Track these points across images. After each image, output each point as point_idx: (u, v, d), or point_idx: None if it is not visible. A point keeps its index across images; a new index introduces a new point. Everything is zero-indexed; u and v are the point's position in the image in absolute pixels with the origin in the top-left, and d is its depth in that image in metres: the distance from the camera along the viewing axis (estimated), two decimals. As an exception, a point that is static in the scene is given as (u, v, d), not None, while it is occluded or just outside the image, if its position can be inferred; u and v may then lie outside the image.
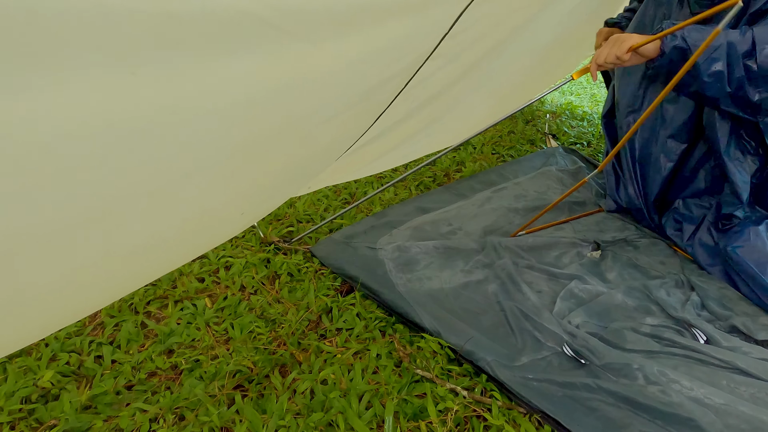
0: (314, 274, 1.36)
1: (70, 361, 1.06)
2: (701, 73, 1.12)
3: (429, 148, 1.68)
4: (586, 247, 1.44)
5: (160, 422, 0.93)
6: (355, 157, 1.39)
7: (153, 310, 1.22)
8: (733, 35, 1.10)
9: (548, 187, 1.81)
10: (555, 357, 1.06)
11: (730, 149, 1.27)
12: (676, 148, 1.40)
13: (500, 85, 1.76)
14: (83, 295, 0.81)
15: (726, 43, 1.10)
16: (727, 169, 1.27)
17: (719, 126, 1.26)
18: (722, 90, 1.13)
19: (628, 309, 1.19)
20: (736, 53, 1.09)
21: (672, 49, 1.13)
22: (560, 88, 3.18)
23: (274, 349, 1.10)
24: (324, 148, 1.08)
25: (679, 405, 0.90)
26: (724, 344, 1.06)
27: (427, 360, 1.06)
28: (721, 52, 1.10)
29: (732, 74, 1.11)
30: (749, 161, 1.27)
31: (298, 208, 1.70)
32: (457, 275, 1.32)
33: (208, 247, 1.21)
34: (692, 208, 1.40)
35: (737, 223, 1.29)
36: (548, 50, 1.84)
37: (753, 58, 1.08)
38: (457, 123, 1.73)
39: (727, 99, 1.15)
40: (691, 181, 1.41)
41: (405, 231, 1.50)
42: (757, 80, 1.10)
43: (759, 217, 1.29)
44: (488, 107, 1.83)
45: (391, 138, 1.46)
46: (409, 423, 0.93)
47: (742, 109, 1.17)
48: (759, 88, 1.11)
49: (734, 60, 1.10)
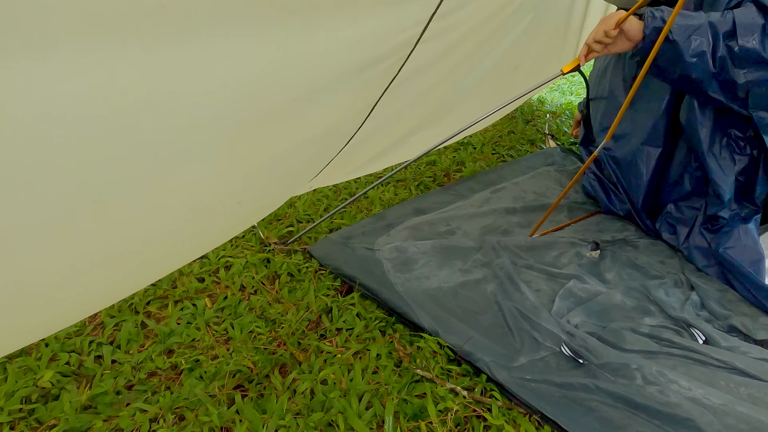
0: (314, 274, 1.36)
1: (70, 361, 1.06)
2: (683, 54, 1.12)
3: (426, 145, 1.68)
4: (585, 246, 1.44)
5: (160, 422, 0.94)
6: (354, 155, 1.39)
7: (153, 310, 1.22)
8: (714, 16, 1.11)
9: (547, 187, 1.81)
10: (553, 357, 1.06)
11: (714, 149, 1.26)
12: (653, 153, 1.41)
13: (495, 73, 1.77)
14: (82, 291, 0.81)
15: (707, 23, 1.10)
16: (709, 170, 1.27)
17: (701, 126, 1.25)
18: (707, 71, 1.12)
19: (626, 309, 1.19)
20: (717, 33, 1.09)
21: (652, 30, 1.13)
22: (560, 88, 3.18)
23: (274, 349, 1.11)
24: (321, 135, 1.06)
25: (678, 405, 0.90)
26: (722, 344, 1.07)
27: (427, 360, 1.06)
28: (703, 31, 1.10)
29: (715, 54, 1.10)
30: (735, 160, 1.26)
31: (298, 208, 1.70)
32: (455, 274, 1.32)
33: (207, 246, 1.20)
34: (684, 211, 1.41)
35: (725, 223, 1.29)
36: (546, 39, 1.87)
37: (734, 39, 1.08)
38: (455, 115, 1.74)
39: (713, 82, 1.14)
40: (678, 184, 1.41)
41: (403, 231, 1.50)
42: (741, 60, 1.09)
43: (748, 213, 1.29)
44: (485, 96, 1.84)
45: (390, 134, 1.46)
46: (409, 423, 0.93)
47: (730, 97, 1.15)
48: (744, 69, 1.10)
49: (716, 39, 1.09)
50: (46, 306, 0.75)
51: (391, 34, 0.97)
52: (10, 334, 0.75)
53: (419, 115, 1.52)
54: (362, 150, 1.40)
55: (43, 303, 0.73)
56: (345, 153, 1.32)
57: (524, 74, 1.91)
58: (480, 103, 1.82)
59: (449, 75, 1.41)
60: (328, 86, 0.89)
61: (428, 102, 1.46)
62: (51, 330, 0.92)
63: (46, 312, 0.77)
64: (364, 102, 1.12)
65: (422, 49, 1.10)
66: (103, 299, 0.94)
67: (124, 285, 0.94)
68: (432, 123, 1.64)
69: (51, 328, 0.90)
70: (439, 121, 1.66)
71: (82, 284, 0.77)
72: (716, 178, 1.26)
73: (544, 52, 1.99)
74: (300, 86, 0.83)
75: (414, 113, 1.46)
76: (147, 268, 0.93)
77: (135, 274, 0.92)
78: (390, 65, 1.05)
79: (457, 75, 1.47)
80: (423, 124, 1.59)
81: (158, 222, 0.77)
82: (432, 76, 1.31)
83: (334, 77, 0.89)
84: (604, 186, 1.62)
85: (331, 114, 1.01)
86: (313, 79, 0.84)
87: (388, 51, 1.00)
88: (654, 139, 1.41)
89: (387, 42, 0.97)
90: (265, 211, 1.38)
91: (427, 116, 1.56)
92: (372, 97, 1.13)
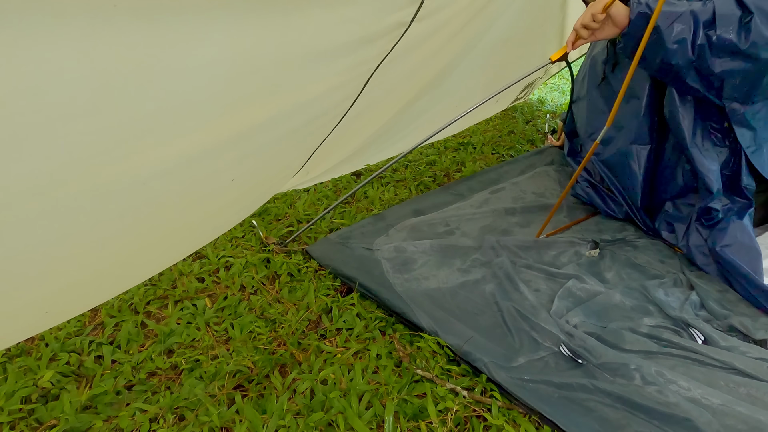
0: (314, 274, 1.36)
1: (70, 361, 1.07)
2: (665, 40, 1.14)
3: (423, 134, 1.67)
4: (584, 246, 1.44)
5: (160, 422, 0.94)
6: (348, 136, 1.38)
7: (153, 310, 1.22)
8: (695, 5, 1.14)
9: (546, 187, 1.81)
10: (552, 357, 1.06)
11: (696, 139, 1.28)
12: (643, 151, 1.43)
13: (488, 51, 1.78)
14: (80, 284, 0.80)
15: (689, 11, 1.13)
16: (694, 160, 1.28)
17: (682, 116, 1.27)
18: (686, 57, 1.15)
19: (625, 309, 1.20)
20: (698, 21, 1.12)
21: (637, 16, 1.15)
22: (560, 88, 3.18)
23: (274, 349, 1.11)
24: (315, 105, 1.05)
25: (676, 405, 0.90)
26: (722, 344, 1.07)
27: (427, 360, 1.06)
28: (684, 18, 1.13)
29: (695, 42, 1.13)
30: (717, 151, 1.28)
31: (298, 208, 1.70)
32: (454, 274, 1.32)
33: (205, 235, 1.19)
34: (681, 208, 1.42)
35: (720, 218, 1.29)
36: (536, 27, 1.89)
37: (713, 28, 1.11)
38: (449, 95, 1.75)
39: (691, 71, 1.17)
40: (671, 179, 1.42)
41: (402, 231, 1.50)
42: (718, 50, 1.12)
43: (740, 207, 1.30)
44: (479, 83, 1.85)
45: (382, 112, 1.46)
46: (409, 423, 0.93)
47: (706, 87, 1.18)
48: (721, 58, 1.13)
49: (697, 27, 1.12)
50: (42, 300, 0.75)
51: (387, 13, 0.97)
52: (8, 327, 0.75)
53: (413, 91, 1.51)
54: (356, 130, 1.39)
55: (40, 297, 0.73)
56: (338, 133, 1.30)
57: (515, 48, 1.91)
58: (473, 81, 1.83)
59: (440, 51, 1.41)
60: (322, 59, 0.89)
61: (421, 78, 1.46)
62: (48, 325, 0.92)
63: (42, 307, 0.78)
64: (357, 80, 1.12)
65: (414, 26, 1.10)
66: (101, 293, 0.94)
67: (121, 279, 0.94)
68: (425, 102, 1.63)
69: (48, 323, 0.90)
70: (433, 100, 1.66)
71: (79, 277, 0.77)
72: (701, 168, 1.27)
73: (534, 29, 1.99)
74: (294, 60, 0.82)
75: (406, 89, 1.46)
76: (144, 260, 0.93)
77: (131, 268, 0.92)
78: (384, 43, 1.05)
79: (449, 52, 1.47)
80: (415, 100, 1.58)
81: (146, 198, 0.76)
82: (423, 52, 1.30)
83: (329, 50, 0.89)
84: (598, 191, 1.63)
85: (326, 84, 1.00)
86: (308, 53, 0.84)
87: (383, 29, 1.00)
88: (640, 137, 1.42)
89: (382, 21, 0.97)
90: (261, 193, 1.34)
91: (419, 92, 1.55)
92: (364, 76, 1.13)
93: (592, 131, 1.66)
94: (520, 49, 1.96)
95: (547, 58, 1.32)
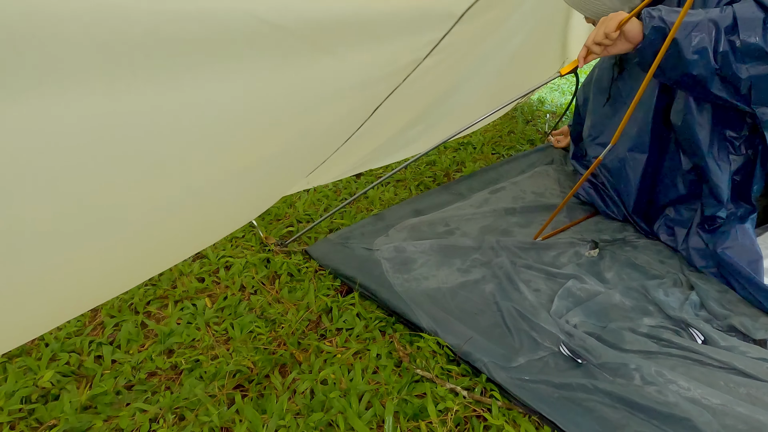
0: (314, 274, 1.36)
1: (70, 361, 1.07)
2: (684, 51, 1.10)
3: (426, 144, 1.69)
4: (584, 246, 1.44)
5: (160, 422, 0.94)
6: (352, 150, 1.39)
7: (153, 310, 1.23)
8: (713, 12, 1.10)
9: (546, 188, 1.81)
10: (552, 357, 1.06)
11: (713, 149, 1.25)
12: (640, 160, 1.43)
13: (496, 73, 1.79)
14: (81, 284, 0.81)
15: (707, 19, 1.09)
16: (709, 170, 1.26)
17: (699, 127, 1.24)
18: (708, 66, 1.10)
19: (625, 309, 1.20)
20: (719, 28, 1.08)
21: (651, 30, 1.12)
22: (560, 88, 3.18)
23: (274, 349, 1.11)
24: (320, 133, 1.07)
25: (676, 405, 0.90)
26: (721, 344, 1.07)
27: (427, 360, 1.06)
28: (703, 27, 1.09)
29: (717, 49, 1.09)
30: (732, 159, 1.26)
31: (298, 207, 1.70)
32: (454, 274, 1.32)
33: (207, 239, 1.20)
34: (682, 212, 1.41)
35: (722, 223, 1.29)
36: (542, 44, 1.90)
37: (736, 33, 1.07)
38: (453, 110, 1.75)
39: (715, 79, 1.12)
40: (672, 187, 1.42)
41: (402, 231, 1.50)
42: (744, 56, 1.07)
43: (744, 212, 1.29)
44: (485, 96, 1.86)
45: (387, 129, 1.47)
46: (409, 423, 0.93)
47: (733, 95, 1.13)
48: (747, 64, 1.08)
49: (718, 35, 1.08)
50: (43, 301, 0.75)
51: (402, 56, 0.99)
52: (9, 331, 0.75)
53: (417, 109, 1.52)
54: (360, 145, 1.40)
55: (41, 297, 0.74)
56: (342, 149, 1.31)
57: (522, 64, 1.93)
58: (479, 98, 1.84)
59: (450, 71, 1.42)
60: (331, 97, 0.91)
61: (426, 96, 1.47)
62: (49, 326, 0.92)
63: (43, 307, 0.78)
64: (365, 108, 1.14)
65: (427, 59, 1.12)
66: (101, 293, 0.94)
67: (122, 280, 0.94)
68: (431, 118, 1.64)
69: (49, 324, 0.90)
70: (438, 117, 1.67)
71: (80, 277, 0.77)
72: (715, 179, 1.25)
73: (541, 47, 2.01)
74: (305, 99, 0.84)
75: (412, 107, 1.47)
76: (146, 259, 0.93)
77: (133, 270, 0.92)
78: (397, 80, 1.07)
79: (458, 73, 1.48)
80: (420, 118, 1.59)
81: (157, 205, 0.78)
82: (432, 74, 1.31)
83: (339, 90, 0.91)
84: (599, 192, 1.63)
85: (332, 117, 1.02)
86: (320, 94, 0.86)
87: (397, 69, 1.01)
88: (639, 145, 1.42)
89: (397, 62, 0.99)
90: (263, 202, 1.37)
91: (425, 109, 1.56)
92: (374, 103, 1.14)
93: (596, 135, 1.65)
94: (526, 64, 1.98)
95: (555, 71, 1.32)
